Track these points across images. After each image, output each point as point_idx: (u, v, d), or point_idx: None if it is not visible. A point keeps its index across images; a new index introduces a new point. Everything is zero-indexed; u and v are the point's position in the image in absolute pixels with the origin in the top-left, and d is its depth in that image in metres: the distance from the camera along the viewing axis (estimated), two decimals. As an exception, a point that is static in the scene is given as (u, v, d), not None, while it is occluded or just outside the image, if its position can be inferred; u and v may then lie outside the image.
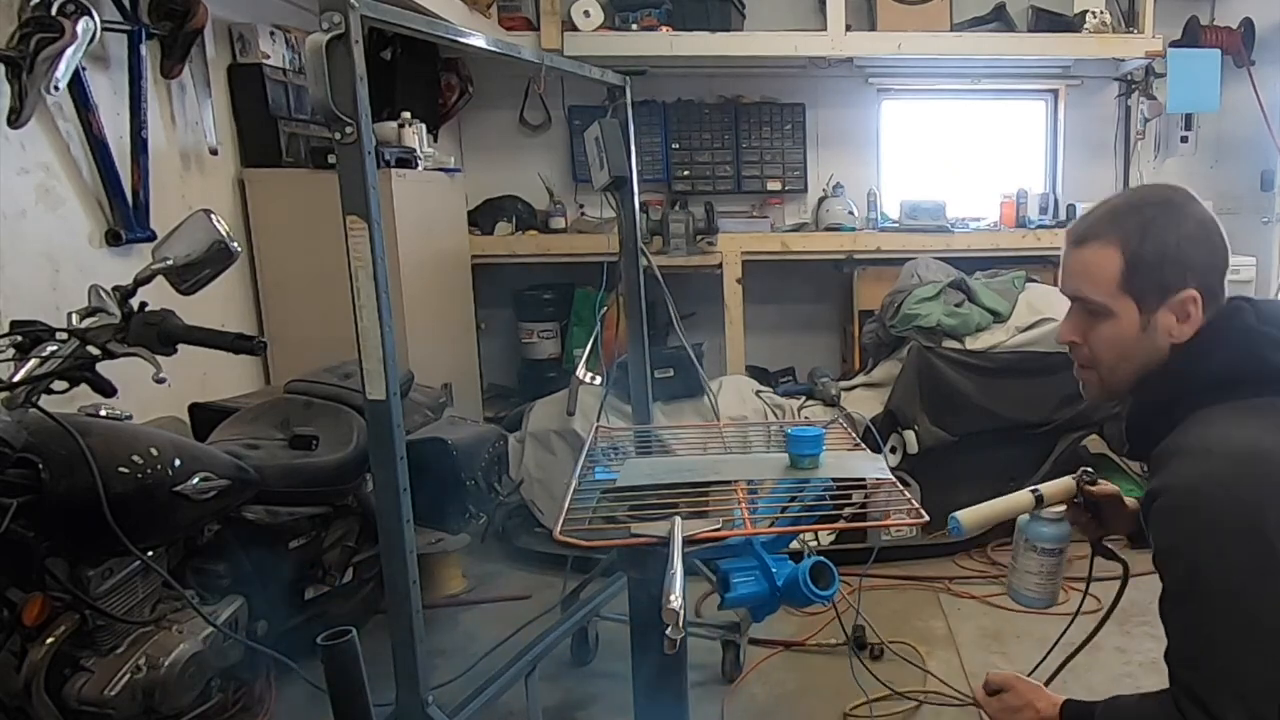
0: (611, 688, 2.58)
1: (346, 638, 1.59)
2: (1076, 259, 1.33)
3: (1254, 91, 4.78)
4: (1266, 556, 1.13)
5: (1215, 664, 1.20)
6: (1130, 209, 1.30)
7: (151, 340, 1.71)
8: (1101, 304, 1.30)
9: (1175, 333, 1.29)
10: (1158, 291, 1.28)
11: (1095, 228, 1.31)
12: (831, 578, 1.36)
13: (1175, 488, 1.19)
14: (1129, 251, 1.27)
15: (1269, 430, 1.21)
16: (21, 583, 1.57)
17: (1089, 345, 1.35)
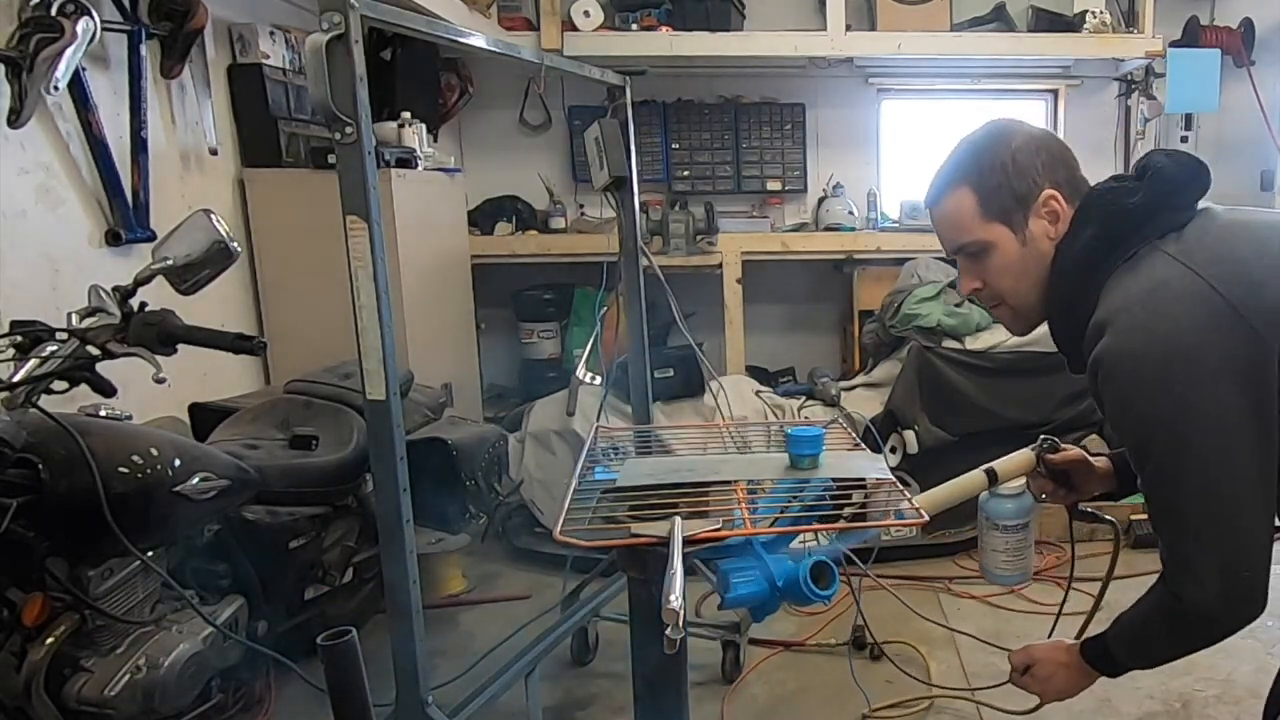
0: (611, 688, 2.58)
1: (346, 638, 1.59)
2: (940, 217, 1.39)
3: (1254, 91, 4.78)
4: (1204, 373, 1.17)
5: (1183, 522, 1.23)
6: (960, 153, 1.38)
7: (151, 340, 1.71)
8: (977, 241, 1.35)
9: (1052, 234, 1.33)
10: (1018, 205, 1.33)
11: (939, 185, 1.38)
12: (832, 577, 1.36)
13: (1105, 358, 1.22)
14: (975, 183, 1.34)
15: (1159, 268, 1.25)
16: (21, 583, 1.57)
17: (988, 285, 1.38)
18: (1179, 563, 1.25)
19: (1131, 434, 1.25)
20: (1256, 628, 2.97)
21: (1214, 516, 1.20)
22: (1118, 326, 1.22)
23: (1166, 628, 1.31)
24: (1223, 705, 2.46)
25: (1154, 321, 1.20)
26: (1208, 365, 1.17)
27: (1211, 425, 1.17)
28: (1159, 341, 1.18)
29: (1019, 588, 2.79)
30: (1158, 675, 2.61)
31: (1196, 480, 1.19)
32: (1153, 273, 1.24)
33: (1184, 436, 1.18)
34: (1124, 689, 2.55)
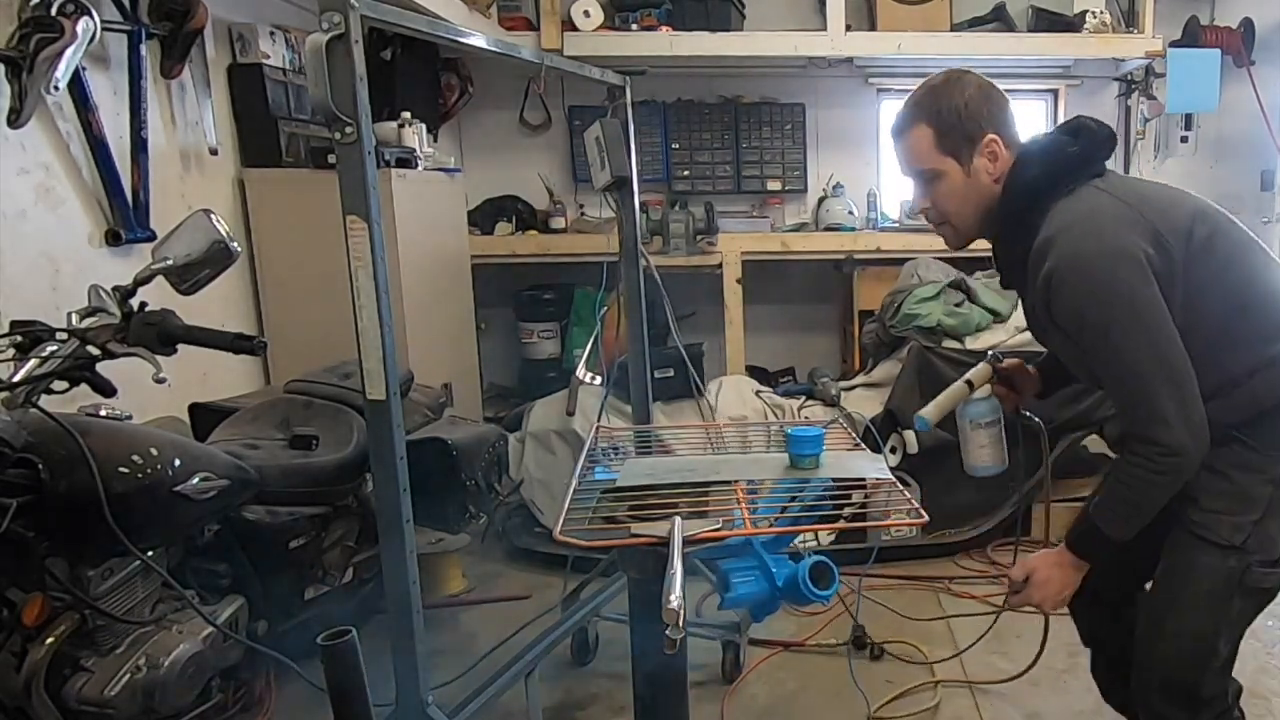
0: (611, 688, 2.58)
1: (346, 638, 1.59)
2: (902, 146, 1.66)
3: (1254, 91, 4.78)
4: (1141, 268, 1.48)
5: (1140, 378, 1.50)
6: (923, 96, 1.64)
7: (151, 340, 1.71)
8: (931, 169, 1.63)
9: (991, 170, 1.63)
10: (967, 144, 1.62)
11: (904, 119, 1.65)
12: (831, 577, 1.36)
13: (1060, 265, 1.51)
14: (934, 122, 1.62)
15: (1094, 197, 1.58)
16: (21, 583, 1.57)
17: (936, 205, 1.67)
18: (1147, 415, 1.50)
19: (1091, 321, 1.51)
20: (1257, 628, 2.98)
21: (1166, 371, 1.49)
22: (1068, 238, 1.52)
23: (1149, 479, 1.52)
24: (1223, 705, 2.46)
25: (1098, 233, 1.52)
26: (1141, 263, 1.49)
27: (1153, 305, 1.49)
28: (1105, 247, 1.50)
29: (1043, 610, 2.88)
30: (1158, 675, 2.61)
31: (1148, 347, 1.49)
32: (1090, 200, 1.57)
33: (1135, 314, 1.48)
34: (1124, 689, 2.55)
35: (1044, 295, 1.55)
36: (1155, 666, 1.66)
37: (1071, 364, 1.75)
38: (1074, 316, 1.53)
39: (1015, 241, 1.62)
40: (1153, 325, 1.49)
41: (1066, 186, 1.59)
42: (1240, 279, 1.57)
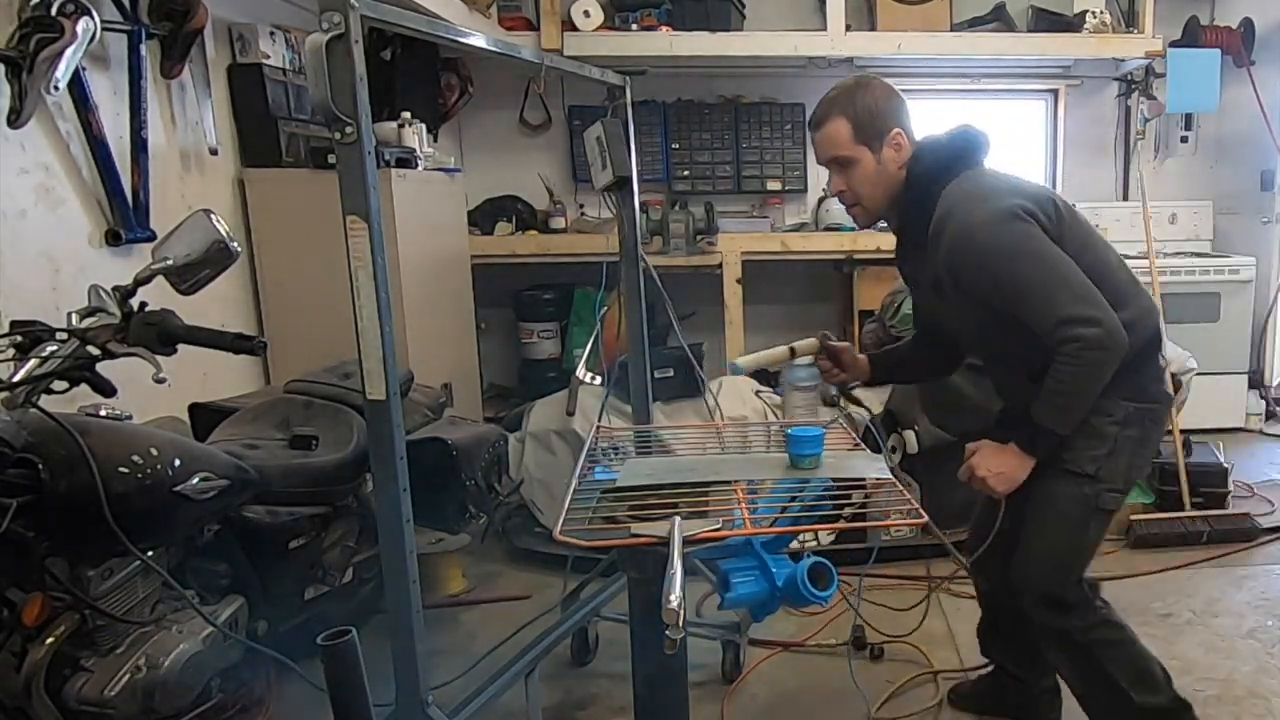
0: (611, 688, 2.58)
1: (346, 638, 1.59)
2: (823, 136, 1.96)
3: (1254, 91, 4.78)
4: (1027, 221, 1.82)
5: (1049, 293, 1.79)
6: (839, 95, 1.96)
7: (151, 340, 1.71)
8: (847, 156, 1.94)
9: (896, 159, 1.94)
10: (877, 136, 1.93)
11: (823, 114, 1.97)
12: (830, 578, 1.36)
13: (960, 235, 1.82)
14: (851, 117, 1.93)
15: (979, 178, 1.94)
16: (21, 583, 1.57)
17: (850, 189, 1.97)
18: (1072, 321, 1.76)
19: (1001, 271, 1.81)
20: (1257, 628, 2.98)
21: (1072, 286, 1.78)
22: (962, 211, 1.84)
23: (1079, 372, 1.78)
24: (1223, 705, 2.46)
25: (984, 199, 1.85)
26: (1025, 217, 1.82)
27: (1046, 242, 1.82)
28: (994, 209, 1.83)
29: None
30: (1158, 675, 2.61)
31: (1052, 270, 1.80)
32: (973, 180, 1.92)
33: (1034, 251, 1.81)
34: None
35: (950, 266, 1.86)
36: (1033, 588, 1.95)
37: (971, 331, 2.05)
38: (985, 274, 1.82)
39: (916, 221, 1.93)
40: (1051, 254, 1.80)
41: (953, 173, 1.91)
42: (1093, 254, 1.90)
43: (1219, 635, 2.81)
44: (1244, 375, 4.85)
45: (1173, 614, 2.97)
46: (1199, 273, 4.73)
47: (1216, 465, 3.65)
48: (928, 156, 1.94)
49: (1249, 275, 4.73)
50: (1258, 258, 4.79)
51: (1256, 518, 3.58)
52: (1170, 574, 3.25)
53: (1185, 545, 3.43)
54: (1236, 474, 3.76)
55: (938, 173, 1.92)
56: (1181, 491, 3.56)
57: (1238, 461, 3.88)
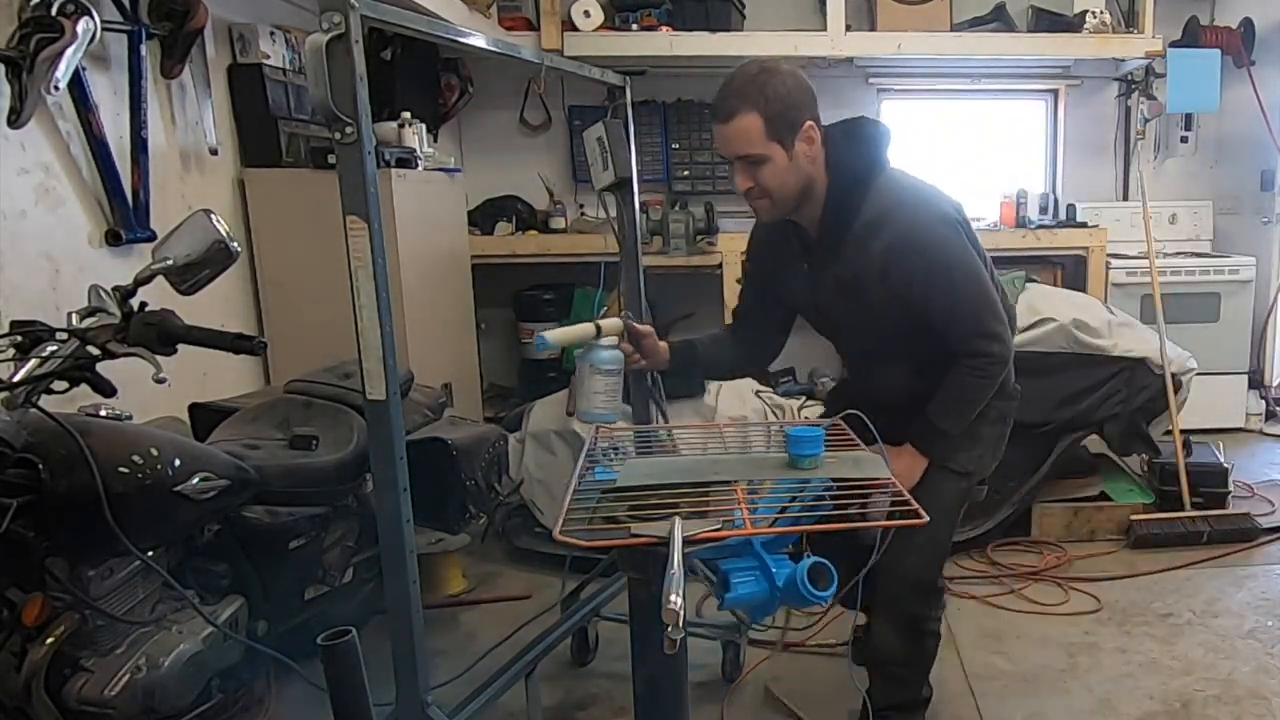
0: (611, 688, 2.58)
1: (346, 638, 1.59)
2: (732, 130, 1.82)
3: (1254, 91, 4.78)
4: (960, 228, 1.92)
5: (976, 308, 1.91)
6: (746, 86, 1.81)
7: (151, 340, 1.71)
8: (759, 154, 1.83)
9: (810, 153, 1.87)
10: (790, 131, 1.84)
11: (734, 105, 1.81)
12: (830, 578, 1.36)
13: (901, 236, 1.86)
14: (763, 112, 1.80)
15: (906, 177, 1.97)
16: (21, 583, 1.57)
17: (759, 185, 1.87)
18: (984, 337, 1.92)
19: (936, 274, 1.87)
20: (1257, 628, 2.98)
21: (990, 303, 1.93)
22: (903, 213, 1.87)
23: (983, 384, 1.95)
24: (1223, 705, 2.46)
25: (925, 204, 1.91)
26: (958, 224, 1.92)
27: (972, 254, 1.93)
28: (935, 213, 1.89)
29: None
30: (1158, 675, 2.61)
31: (978, 285, 1.91)
32: (904, 180, 1.96)
33: (966, 262, 1.90)
34: (1124, 689, 2.55)
35: (882, 264, 1.88)
36: (908, 574, 2.03)
37: (870, 329, 2.04)
38: (920, 274, 1.87)
39: (840, 216, 1.91)
40: (977, 268, 1.92)
41: (877, 170, 1.92)
42: (988, 267, 2.01)
43: (1219, 635, 2.81)
44: (1244, 375, 4.85)
45: (1173, 614, 2.97)
46: (1199, 273, 4.73)
47: (1216, 465, 3.65)
48: (850, 151, 1.92)
49: (1249, 275, 4.73)
50: (1258, 258, 4.79)
51: (1256, 518, 3.58)
52: (1170, 574, 3.26)
53: (1185, 545, 3.43)
54: (1236, 474, 3.76)
55: (864, 169, 1.92)
56: (1182, 491, 3.56)
57: (1238, 461, 3.88)
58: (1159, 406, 3.56)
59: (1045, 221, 4.77)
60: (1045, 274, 4.62)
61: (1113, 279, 4.65)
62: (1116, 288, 4.64)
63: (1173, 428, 3.59)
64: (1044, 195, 4.88)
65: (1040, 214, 4.79)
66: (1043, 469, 3.46)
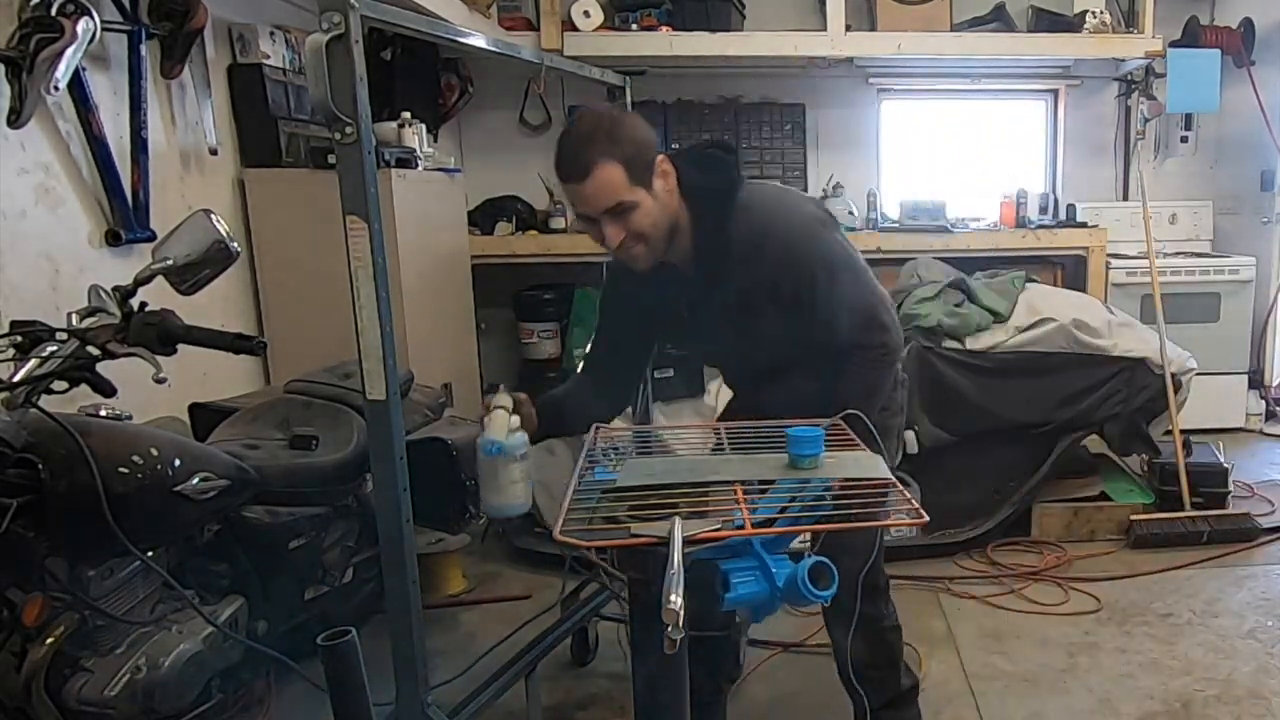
0: (611, 688, 2.58)
1: (346, 638, 1.59)
2: (593, 185, 1.75)
3: (1254, 91, 4.78)
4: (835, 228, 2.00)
5: (866, 303, 1.93)
6: (599, 136, 1.74)
7: (151, 340, 1.71)
8: (627, 201, 1.77)
9: (668, 187, 1.83)
10: (647, 171, 1.79)
11: (589, 159, 1.73)
12: (830, 578, 1.36)
13: (782, 245, 1.87)
14: (621, 158, 1.74)
15: (766, 188, 2.04)
16: (21, 583, 1.57)
17: (631, 231, 1.80)
18: (873, 328, 1.93)
19: (822, 276, 1.89)
20: (1257, 628, 2.98)
21: (877, 294, 1.96)
22: (779, 224, 1.89)
23: (881, 372, 1.97)
24: (1223, 705, 2.46)
25: (798, 210, 1.95)
26: (832, 224, 1.99)
27: (853, 250, 1.99)
28: (809, 218, 1.93)
29: (1049, 611, 3.01)
30: (1158, 675, 2.61)
31: (865, 280, 1.96)
32: (767, 190, 2.01)
33: (849, 261, 1.95)
34: (1124, 689, 2.55)
35: (771, 278, 1.88)
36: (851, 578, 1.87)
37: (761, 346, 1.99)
38: (808, 279, 1.88)
39: (715, 241, 1.88)
40: (858, 263, 1.96)
41: (735, 188, 1.90)
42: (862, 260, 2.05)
43: (1219, 635, 2.81)
44: (1244, 375, 4.85)
45: (1173, 614, 2.97)
46: (1199, 273, 4.73)
47: (1216, 465, 3.65)
48: (704, 176, 1.89)
49: (1249, 275, 4.73)
50: (1258, 258, 4.79)
51: (1256, 518, 3.58)
52: (1170, 574, 3.26)
53: (1185, 545, 3.43)
54: (1236, 474, 3.76)
55: (724, 190, 1.89)
56: (1182, 491, 3.56)
57: (1238, 461, 3.88)
58: (1159, 406, 3.56)
59: (1045, 221, 4.77)
60: (1045, 274, 4.63)
61: (1113, 279, 4.65)
62: (1116, 288, 4.64)
63: (1173, 428, 3.59)
64: (1044, 195, 4.88)
65: (1040, 214, 4.79)
66: (1043, 469, 3.46)
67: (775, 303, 1.91)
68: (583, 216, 1.83)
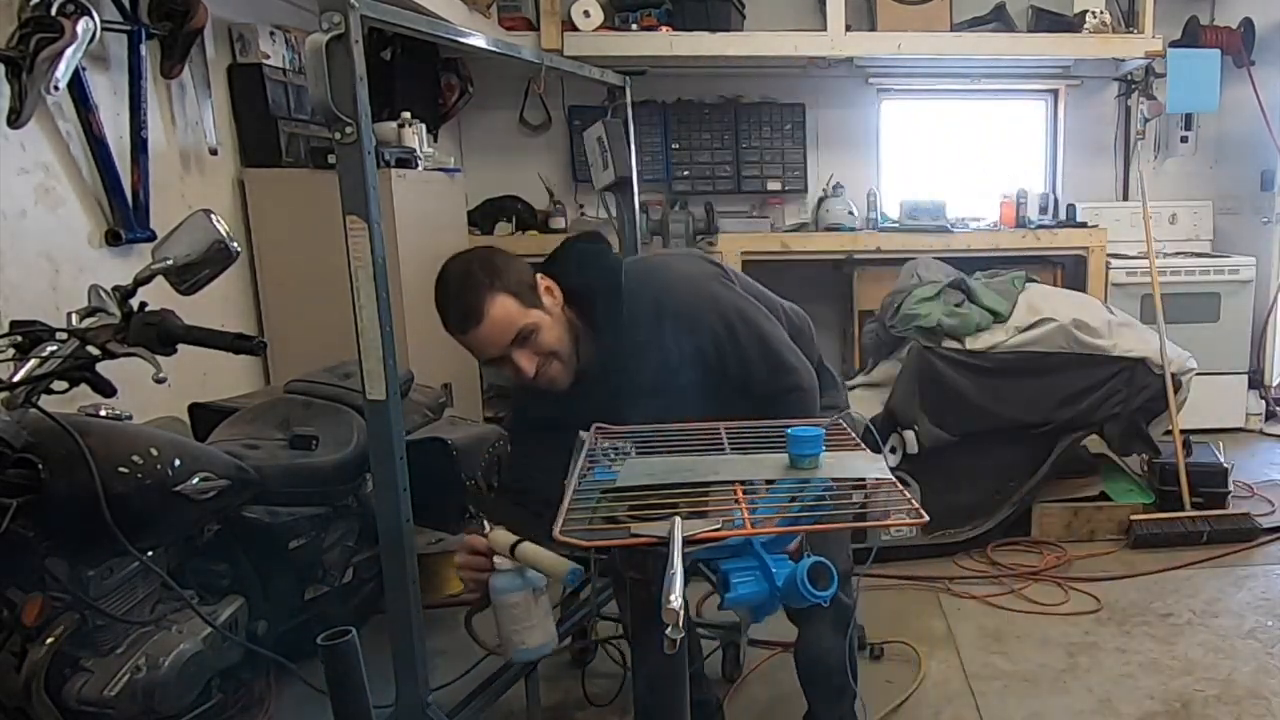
0: (611, 687, 2.58)
1: (346, 638, 1.59)
2: (491, 324, 1.74)
3: (1254, 91, 4.78)
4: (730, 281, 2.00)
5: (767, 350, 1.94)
6: (479, 277, 1.75)
7: (151, 340, 1.71)
8: (528, 325, 1.77)
9: (555, 299, 1.84)
10: (533, 292, 1.80)
11: (479, 301, 1.73)
12: (830, 578, 1.36)
13: (688, 311, 1.89)
14: (507, 289, 1.75)
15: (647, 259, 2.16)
16: (21, 583, 1.57)
17: (542, 355, 1.80)
18: (787, 371, 1.94)
19: (727, 334, 1.89)
20: (1257, 628, 2.98)
21: (781, 341, 1.97)
22: (673, 295, 1.90)
23: (802, 410, 1.90)
24: (1223, 705, 2.46)
25: (687, 273, 1.97)
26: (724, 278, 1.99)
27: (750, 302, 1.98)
28: (700, 279, 1.96)
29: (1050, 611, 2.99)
30: (1158, 675, 2.61)
31: (769, 329, 1.96)
32: (651, 264, 2.08)
33: (747, 311, 1.95)
34: (1124, 689, 2.55)
35: (679, 346, 1.87)
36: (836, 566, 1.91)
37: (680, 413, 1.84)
38: (711, 337, 1.89)
39: (618, 331, 1.87)
40: (755, 312, 1.97)
41: (620, 268, 1.92)
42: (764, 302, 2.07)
43: (1219, 635, 2.81)
44: (1244, 375, 4.85)
45: (1173, 614, 2.97)
46: (1199, 273, 4.73)
47: (1216, 465, 3.65)
48: (584, 274, 1.89)
49: (1249, 275, 4.73)
50: (1258, 258, 4.79)
51: (1256, 518, 3.58)
52: (1170, 574, 3.25)
53: (1185, 545, 3.43)
54: (1236, 474, 3.76)
55: (609, 278, 1.89)
56: (1181, 491, 3.56)
57: (1238, 461, 3.88)
58: (1159, 406, 3.56)
59: (1045, 221, 4.77)
60: (1045, 274, 4.62)
61: (1113, 279, 4.65)
62: (1116, 288, 4.64)
63: (1173, 428, 3.59)
64: (1044, 195, 4.88)
65: (1040, 214, 4.79)
66: (1043, 469, 3.46)
67: (694, 367, 1.89)
68: (491, 361, 1.80)
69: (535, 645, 1.64)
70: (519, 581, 1.60)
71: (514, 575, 1.61)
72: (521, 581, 1.60)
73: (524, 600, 1.60)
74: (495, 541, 1.63)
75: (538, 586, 1.62)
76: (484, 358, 1.81)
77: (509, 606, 1.60)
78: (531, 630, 1.62)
